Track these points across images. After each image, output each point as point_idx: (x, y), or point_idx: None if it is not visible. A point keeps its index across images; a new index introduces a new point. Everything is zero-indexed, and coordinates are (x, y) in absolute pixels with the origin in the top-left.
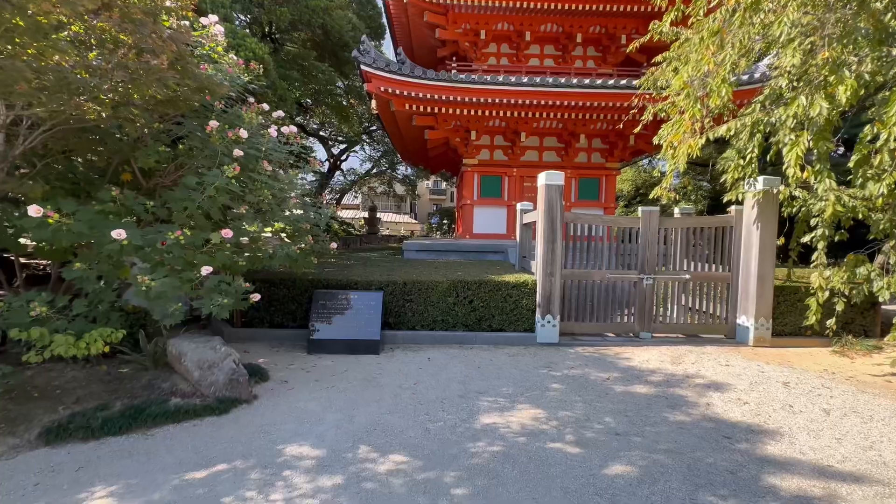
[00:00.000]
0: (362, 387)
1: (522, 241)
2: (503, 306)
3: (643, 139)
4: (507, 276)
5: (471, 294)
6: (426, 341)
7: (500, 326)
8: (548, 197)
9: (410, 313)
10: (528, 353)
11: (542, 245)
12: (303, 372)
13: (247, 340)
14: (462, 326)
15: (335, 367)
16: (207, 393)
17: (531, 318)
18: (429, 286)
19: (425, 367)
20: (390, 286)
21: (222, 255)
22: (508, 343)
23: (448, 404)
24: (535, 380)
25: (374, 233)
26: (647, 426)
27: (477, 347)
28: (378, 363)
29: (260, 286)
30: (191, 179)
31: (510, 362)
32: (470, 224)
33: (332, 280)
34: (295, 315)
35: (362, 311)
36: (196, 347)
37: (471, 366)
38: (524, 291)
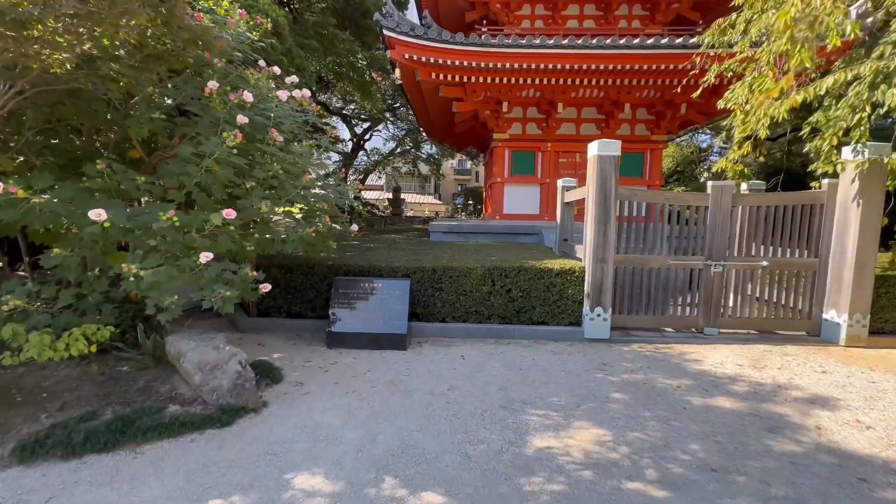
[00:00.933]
0: (388, 392)
1: (563, 221)
2: (546, 297)
3: (695, 108)
4: (549, 262)
5: (509, 282)
6: (458, 335)
7: (541, 319)
8: (600, 170)
9: (440, 303)
10: (576, 352)
11: (592, 227)
12: (320, 371)
13: (262, 331)
14: (498, 318)
15: (357, 366)
16: (210, 400)
17: (577, 310)
18: (461, 273)
19: (459, 367)
20: (418, 273)
21: (226, 240)
22: (551, 338)
23: (490, 419)
24: (590, 386)
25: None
26: (748, 459)
27: (515, 343)
28: (405, 361)
29: (275, 272)
30: (186, 149)
31: (556, 363)
32: (500, 204)
33: (353, 266)
34: (314, 304)
35: (387, 301)
36: (196, 347)
37: (511, 366)
38: (570, 280)
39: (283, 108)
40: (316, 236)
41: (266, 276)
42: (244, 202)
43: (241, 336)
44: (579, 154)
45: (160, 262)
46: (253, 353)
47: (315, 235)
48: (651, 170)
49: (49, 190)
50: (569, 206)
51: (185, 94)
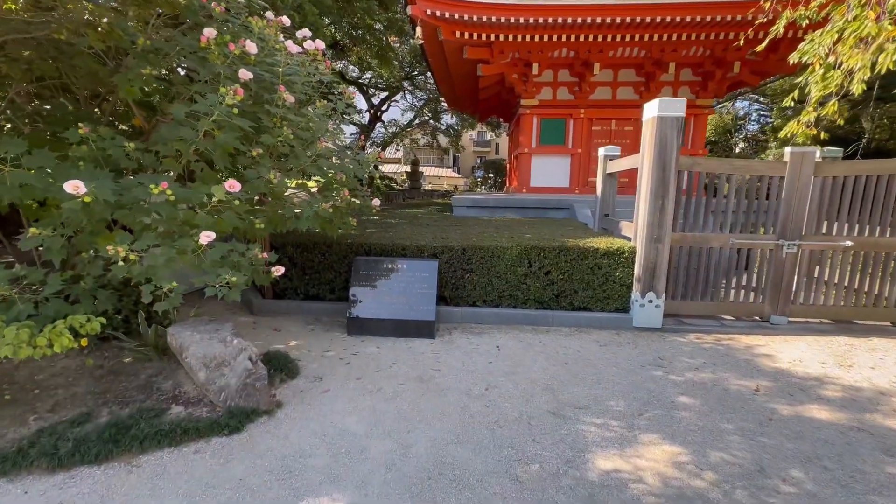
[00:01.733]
0: (417, 392)
1: (605, 195)
2: (590, 280)
3: (749, 66)
4: (593, 241)
5: (548, 264)
6: (490, 321)
7: (583, 304)
8: (660, 135)
9: (471, 286)
10: (625, 342)
11: (646, 201)
12: (341, 364)
13: (278, 314)
14: (535, 303)
15: (380, 358)
16: (216, 401)
17: (626, 295)
18: (494, 253)
19: (496, 360)
20: (446, 253)
21: (231, 216)
22: (595, 326)
23: (539, 428)
24: (651, 388)
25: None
26: (872, 494)
27: (554, 331)
28: (434, 352)
29: (291, 251)
30: (179, 109)
31: (605, 356)
32: (526, 176)
33: (374, 244)
34: (332, 285)
35: (412, 284)
36: (201, 339)
37: (554, 359)
38: (618, 261)
39: (294, 64)
40: (333, 212)
41: (281, 256)
42: (251, 173)
43: (256, 320)
44: (615, 121)
45: (155, 242)
46: (268, 341)
47: (332, 211)
48: (694, 138)
49: (24, 157)
50: (611, 178)
51: (180, 47)
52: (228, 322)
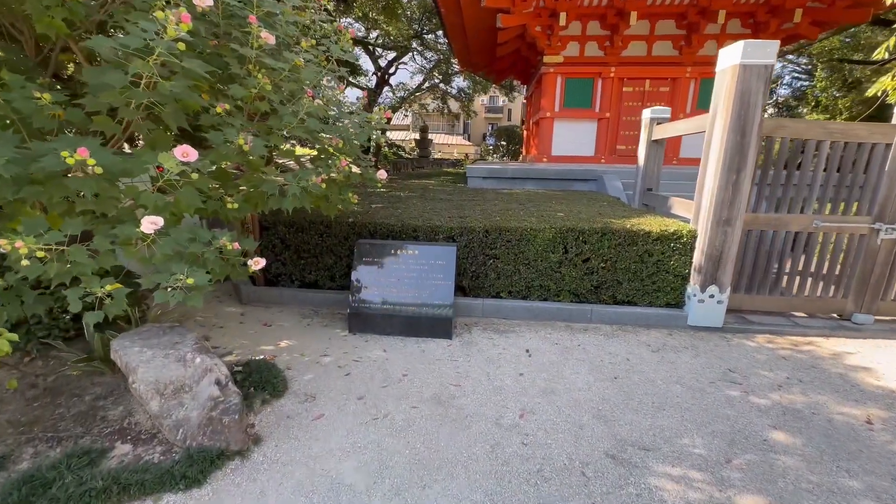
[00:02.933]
0: (434, 420)
1: (649, 165)
2: (637, 269)
3: (812, 15)
4: (642, 222)
5: (587, 249)
6: (516, 315)
7: (627, 298)
8: (742, 88)
9: (494, 274)
10: (682, 347)
11: (716, 175)
12: (340, 374)
13: (271, 304)
14: (570, 295)
15: (388, 366)
16: (173, 438)
17: (680, 287)
18: (523, 236)
19: (527, 370)
20: (465, 235)
21: (190, 195)
22: (641, 323)
23: (597, 482)
24: (729, 415)
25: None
26: None
27: (593, 330)
28: (452, 358)
29: (283, 232)
30: (101, 42)
31: (662, 366)
32: (548, 143)
33: (381, 225)
34: (332, 272)
35: (426, 274)
36: (153, 357)
37: (600, 371)
38: (674, 248)
39: None
40: (328, 186)
41: (272, 238)
42: (215, 136)
43: (244, 311)
44: (649, 81)
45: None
46: (255, 340)
47: (326, 185)
48: None
49: None
50: (657, 146)
51: None
52: (191, 333)
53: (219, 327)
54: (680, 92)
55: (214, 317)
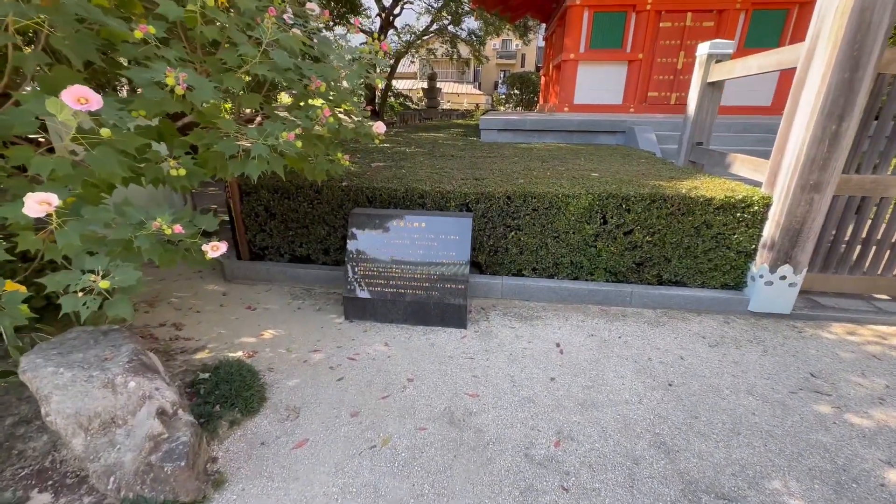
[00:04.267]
0: (447, 448)
1: (701, 115)
2: (692, 244)
3: None
4: (701, 186)
5: (631, 220)
6: (542, 297)
7: (676, 278)
8: (861, 5)
9: (516, 249)
10: (746, 340)
11: (810, 125)
12: (331, 378)
13: (257, 281)
14: (605, 274)
15: (389, 366)
16: (103, 488)
17: (742, 266)
18: (553, 203)
19: (560, 372)
20: (483, 202)
21: (106, 157)
22: (692, 307)
23: None
24: (826, 443)
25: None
26: None
27: (634, 315)
28: (467, 355)
29: (266, 198)
30: None
31: (725, 367)
32: (570, 90)
33: (381, 190)
34: (325, 244)
35: (435, 251)
36: (73, 380)
37: (649, 374)
38: (740, 219)
39: None
40: (307, 145)
41: (252, 206)
42: (139, 74)
43: (227, 290)
44: (691, 14)
45: None
46: (234, 330)
47: (305, 143)
48: (795, 38)
49: None
50: (714, 90)
51: None
52: (131, 339)
53: (195, 312)
54: (726, 27)
55: (193, 297)
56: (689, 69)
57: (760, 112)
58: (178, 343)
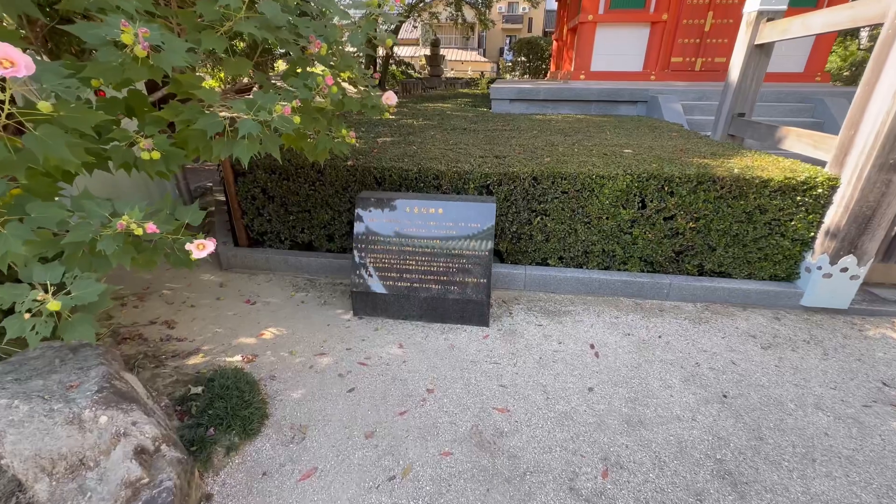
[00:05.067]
0: (478, 481)
1: (745, 81)
2: (741, 231)
3: None
4: (754, 165)
5: (673, 204)
6: (569, 289)
7: (719, 268)
8: None
9: (541, 236)
10: (800, 339)
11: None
12: (341, 389)
13: (257, 271)
14: (640, 264)
15: (406, 377)
16: None
17: (796, 256)
18: (585, 185)
19: (600, 384)
20: (506, 184)
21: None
22: (736, 301)
23: None
24: None
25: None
26: None
27: (672, 310)
28: (491, 359)
29: (263, 179)
30: None
31: (782, 372)
32: (587, 56)
33: (391, 170)
34: (329, 230)
35: (455, 241)
36: (30, 414)
37: (699, 382)
38: (800, 203)
39: None
40: (305, 119)
41: (248, 188)
42: (87, 30)
43: (224, 280)
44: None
45: None
46: (232, 329)
47: (303, 118)
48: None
49: None
50: (762, 53)
51: None
52: (100, 362)
53: (189, 306)
54: None
55: (187, 288)
56: (717, 32)
57: (792, 79)
58: (170, 345)
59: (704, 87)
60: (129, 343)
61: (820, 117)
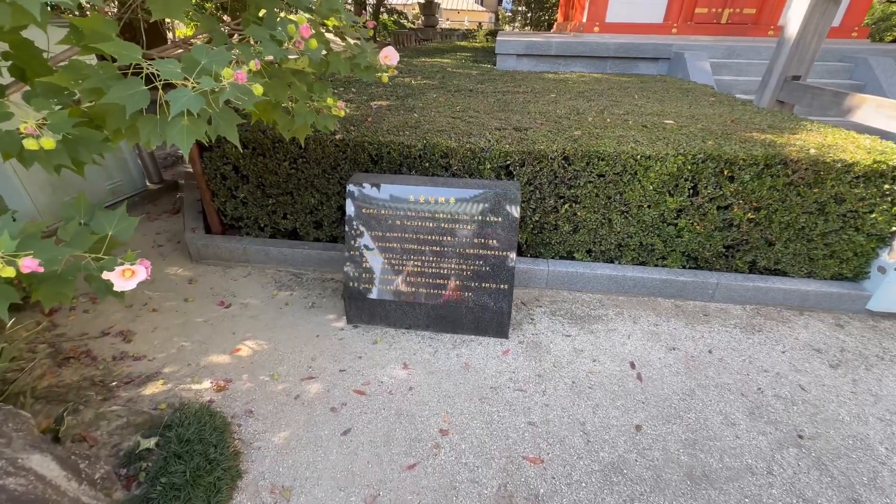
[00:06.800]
0: None
1: (805, 38)
2: (809, 223)
3: None
4: (830, 142)
5: (731, 191)
6: (598, 287)
7: (775, 266)
8: None
9: (569, 226)
10: (872, 354)
11: None
12: (334, 430)
13: (233, 263)
14: (682, 259)
15: (414, 411)
16: None
17: (868, 253)
18: (627, 167)
19: (648, 420)
20: (529, 164)
21: None
22: (791, 303)
23: None
24: None
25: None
26: None
27: (719, 314)
28: (518, 388)
29: (234, 156)
30: None
31: (860, 400)
32: (602, 5)
33: (389, 145)
34: (317, 216)
35: (470, 236)
36: None
37: (767, 419)
38: (886, 192)
39: None
40: (279, 85)
41: (216, 166)
42: None
43: (195, 276)
44: None
45: None
46: (202, 343)
47: (272, 84)
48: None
49: None
50: (829, 2)
51: None
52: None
53: (151, 311)
54: None
55: (150, 286)
56: None
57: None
58: (124, 366)
59: (733, 42)
60: (72, 365)
61: (860, 79)
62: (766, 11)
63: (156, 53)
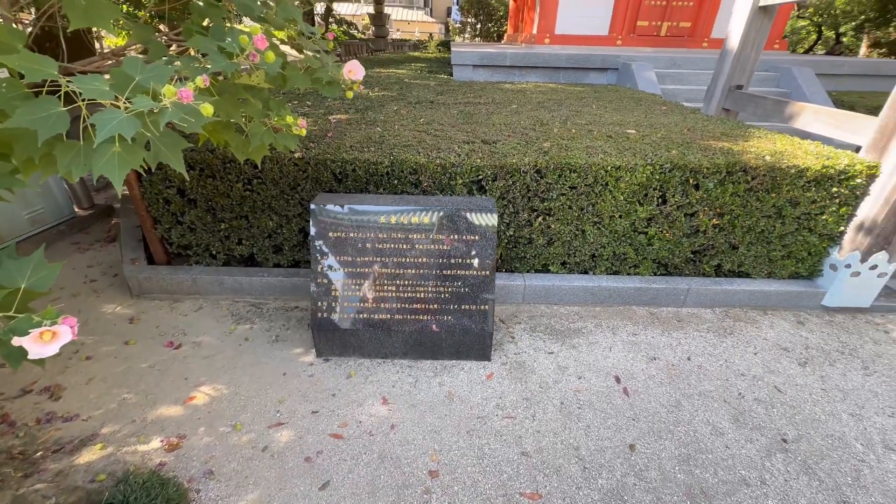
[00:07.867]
0: None
1: (745, 50)
2: (768, 227)
3: None
4: (783, 150)
5: (697, 199)
6: (574, 299)
7: (738, 268)
8: None
9: (543, 239)
10: (833, 349)
11: None
12: (310, 486)
13: (181, 296)
14: (653, 266)
15: (400, 454)
16: None
17: (821, 252)
18: (598, 178)
19: (639, 434)
20: (501, 179)
21: None
22: (756, 304)
23: None
24: None
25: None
26: None
27: (692, 320)
28: (506, 415)
29: (177, 179)
30: None
31: (830, 397)
32: (552, 17)
33: (353, 163)
34: (276, 240)
35: (446, 257)
36: None
37: (751, 424)
38: (835, 194)
39: None
40: (230, 104)
41: (157, 190)
42: None
43: (136, 313)
44: None
45: None
46: (147, 393)
47: (223, 103)
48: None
49: None
50: (765, 17)
51: None
52: None
53: (84, 359)
54: None
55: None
56: None
57: None
58: (52, 429)
59: (673, 53)
60: None
61: (786, 87)
62: (699, 25)
63: (78, 67)
